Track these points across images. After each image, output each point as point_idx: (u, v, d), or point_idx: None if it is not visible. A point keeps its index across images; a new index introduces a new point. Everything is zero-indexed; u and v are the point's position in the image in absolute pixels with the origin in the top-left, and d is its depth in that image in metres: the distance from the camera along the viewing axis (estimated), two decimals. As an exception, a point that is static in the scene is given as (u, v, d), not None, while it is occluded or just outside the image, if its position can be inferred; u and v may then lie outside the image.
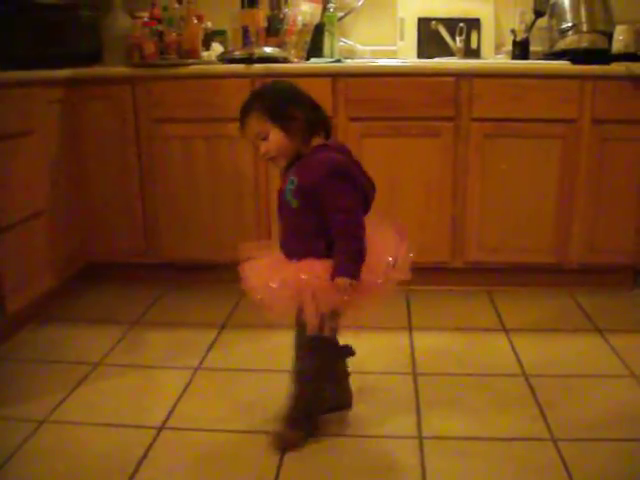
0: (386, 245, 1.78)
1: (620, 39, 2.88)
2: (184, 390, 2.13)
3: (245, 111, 1.76)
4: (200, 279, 2.99)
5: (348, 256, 1.67)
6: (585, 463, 1.75)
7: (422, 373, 2.23)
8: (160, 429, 1.92)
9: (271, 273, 1.75)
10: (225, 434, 1.91)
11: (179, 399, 2.08)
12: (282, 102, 1.75)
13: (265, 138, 1.74)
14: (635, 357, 2.33)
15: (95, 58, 3.00)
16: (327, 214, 1.68)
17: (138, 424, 1.95)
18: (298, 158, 1.77)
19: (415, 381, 2.18)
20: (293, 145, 1.75)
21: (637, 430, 1.90)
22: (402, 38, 3.26)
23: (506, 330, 2.56)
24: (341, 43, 3.20)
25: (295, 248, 1.75)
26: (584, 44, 2.89)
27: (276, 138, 1.73)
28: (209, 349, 2.42)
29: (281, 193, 1.79)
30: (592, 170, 2.77)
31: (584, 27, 2.92)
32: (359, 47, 3.25)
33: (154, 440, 1.86)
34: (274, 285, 1.71)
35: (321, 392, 1.91)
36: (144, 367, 2.31)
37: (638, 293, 2.95)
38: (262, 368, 2.26)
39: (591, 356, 2.36)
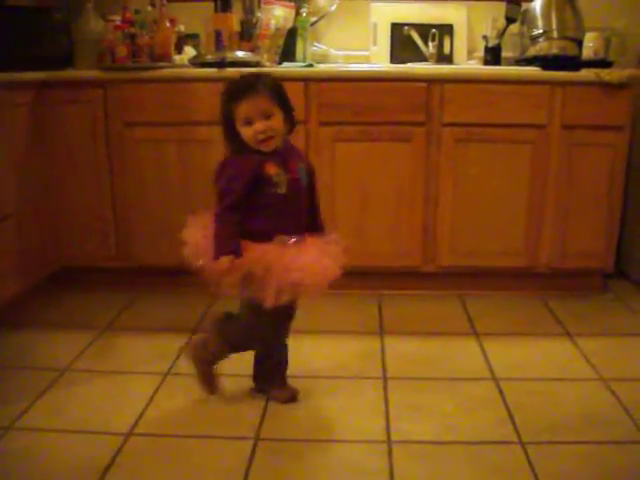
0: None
1: (590, 46, 2.92)
2: (153, 396, 2.12)
3: (253, 87, 1.84)
4: (172, 283, 2.97)
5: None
6: (551, 465, 1.76)
7: (392, 377, 2.23)
8: (128, 435, 1.90)
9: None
10: (194, 440, 1.89)
11: (148, 405, 2.06)
12: (284, 92, 1.91)
13: (268, 117, 1.83)
14: (603, 360, 2.35)
15: (66, 61, 2.98)
16: (316, 193, 2.02)
17: (105, 430, 1.92)
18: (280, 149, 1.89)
19: (385, 385, 2.18)
20: (284, 132, 1.90)
21: (603, 432, 1.92)
22: (375, 43, 3.27)
23: (477, 334, 2.58)
24: (314, 48, 3.20)
25: (303, 226, 1.93)
26: (554, 50, 2.92)
27: (279, 120, 1.86)
28: (179, 354, 2.40)
29: (295, 182, 1.89)
30: (562, 175, 2.80)
31: (555, 34, 2.95)
32: (332, 52, 3.25)
33: (122, 446, 1.84)
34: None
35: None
36: (113, 373, 2.29)
37: (608, 297, 2.99)
38: (232, 373, 2.24)
39: (560, 360, 2.38)
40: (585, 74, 2.73)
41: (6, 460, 1.79)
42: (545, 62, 2.85)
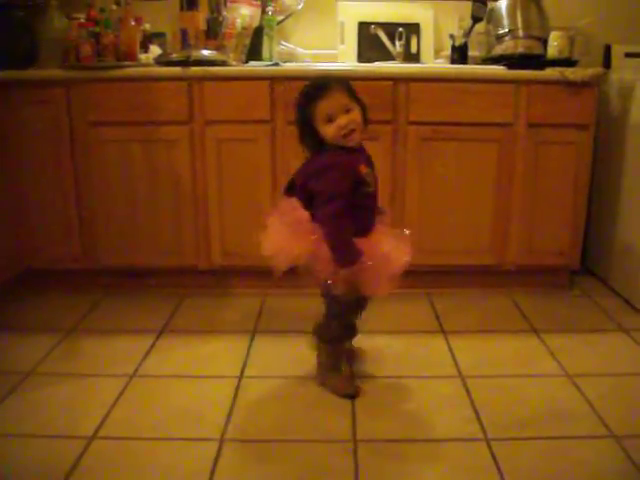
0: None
1: (555, 45, 2.94)
2: (118, 398, 2.09)
3: (329, 86, 1.92)
4: (138, 285, 2.94)
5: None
6: (517, 462, 1.77)
7: (359, 376, 2.23)
8: (91, 439, 1.87)
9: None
10: (158, 442, 1.87)
11: (112, 407, 2.04)
12: (355, 90, 1.98)
13: (348, 111, 1.90)
14: (568, 356, 2.37)
15: (30, 60, 2.93)
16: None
17: (69, 434, 1.90)
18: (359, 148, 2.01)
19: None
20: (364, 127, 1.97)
21: (568, 427, 1.94)
22: (342, 42, 3.26)
23: (444, 332, 2.59)
24: (282, 47, 3.19)
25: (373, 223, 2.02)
26: (520, 49, 2.94)
27: (358, 114, 1.93)
28: (145, 356, 2.38)
29: (376, 180, 2.01)
30: (528, 173, 2.82)
31: (520, 33, 2.97)
32: (300, 50, 3.24)
33: (85, 450, 1.82)
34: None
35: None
36: (78, 375, 2.25)
37: (574, 293, 3.02)
38: (198, 375, 2.23)
39: (527, 356, 2.40)
40: (550, 73, 2.75)
41: (-34, 466, 1.76)
42: (511, 61, 2.87)
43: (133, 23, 2.87)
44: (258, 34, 3.03)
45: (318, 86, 1.93)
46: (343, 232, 1.90)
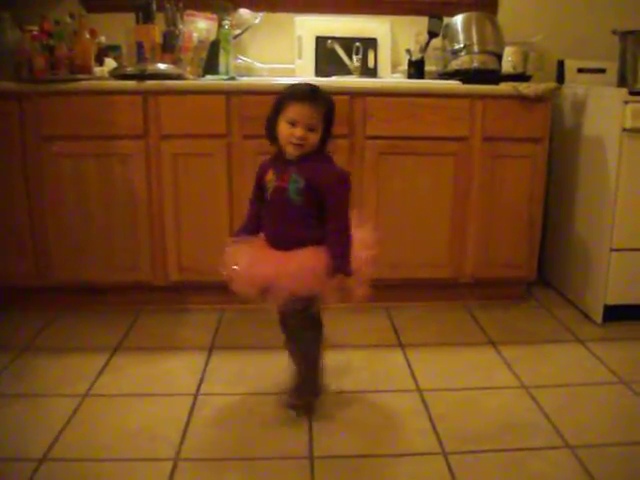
0: (361, 244, 2.02)
1: (509, 60, 2.98)
2: (70, 418, 2.04)
3: (314, 97, 1.93)
4: (93, 302, 2.89)
5: (344, 254, 1.94)
6: (473, 475, 1.78)
7: (317, 391, 2.22)
8: (42, 461, 1.82)
9: (272, 262, 1.94)
10: (112, 463, 1.83)
11: (64, 428, 1.99)
12: (334, 117, 1.99)
13: (311, 130, 1.90)
14: (525, 368, 2.40)
15: (-20, 73, 2.88)
16: (330, 215, 1.94)
17: (18, 456, 1.84)
18: (295, 160, 1.95)
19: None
20: (315, 147, 1.95)
21: (525, 439, 1.95)
22: (300, 56, 3.27)
23: (402, 345, 2.59)
24: (239, 60, 3.18)
25: (295, 237, 1.94)
26: (475, 64, 2.98)
27: (317, 137, 1.93)
28: (99, 374, 2.33)
29: (282, 190, 1.94)
30: (484, 186, 2.85)
31: (475, 48, 3.01)
32: (257, 65, 3.23)
33: (34, 472, 1.76)
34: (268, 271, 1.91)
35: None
36: (29, 396, 2.20)
37: (531, 305, 3.05)
38: (152, 392, 2.19)
39: (484, 369, 2.41)
40: (504, 88, 2.79)
41: None
42: (466, 76, 2.91)
43: (88, 36, 2.83)
44: (215, 48, 3.01)
45: (304, 91, 1.94)
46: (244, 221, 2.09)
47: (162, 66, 2.75)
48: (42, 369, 2.39)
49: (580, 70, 3.23)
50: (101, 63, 2.95)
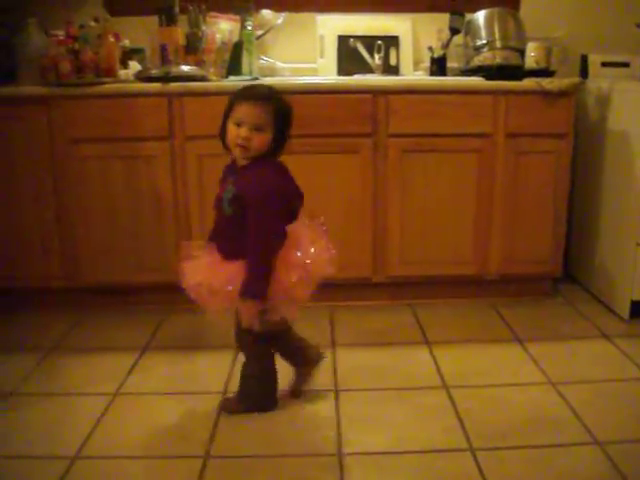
0: (303, 244, 1.91)
1: (532, 55, 2.97)
2: (101, 417, 2.07)
3: (261, 96, 1.87)
4: (120, 302, 2.93)
5: (255, 277, 1.82)
6: (501, 471, 1.78)
7: (344, 389, 2.23)
8: (74, 459, 1.85)
9: (211, 273, 1.89)
10: (142, 460, 1.86)
11: (95, 427, 2.02)
12: (289, 119, 1.91)
13: (258, 130, 1.83)
14: (552, 364, 2.39)
15: (8, 77, 2.92)
16: (249, 230, 1.83)
17: (50, 455, 1.88)
18: (242, 167, 1.90)
19: (337, 398, 2.18)
20: (264, 152, 1.87)
21: (552, 435, 1.94)
22: (322, 55, 3.28)
23: (428, 343, 2.59)
24: (261, 61, 3.20)
25: (226, 250, 1.89)
26: (497, 60, 2.97)
27: (265, 139, 1.85)
28: (128, 373, 2.36)
29: (218, 199, 1.92)
30: (508, 182, 2.84)
31: (498, 44, 3.00)
32: (279, 65, 3.25)
33: (67, 471, 1.80)
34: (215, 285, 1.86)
35: (267, 383, 2.09)
36: (60, 395, 2.23)
37: (557, 301, 3.03)
38: (181, 391, 2.22)
39: (510, 365, 2.41)
40: (527, 83, 2.78)
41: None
42: (489, 72, 2.90)
43: (112, 39, 2.86)
44: (238, 49, 3.03)
45: (254, 91, 1.90)
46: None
47: (186, 68, 2.77)
48: (71, 368, 2.43)
49: (604, 64, 3.20)
50: (126, 66, 2.99)
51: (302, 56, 3.30)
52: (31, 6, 3.14)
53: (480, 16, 3.06)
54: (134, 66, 3.02)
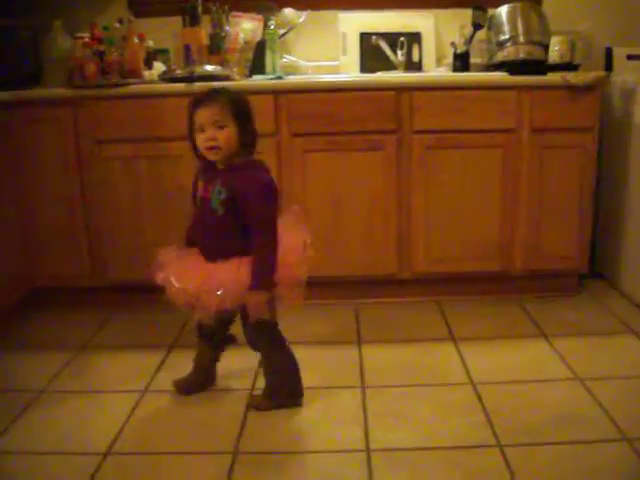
0: (294, 238, 1.98)
1: (556, 49, 2.95)
2: (131, 413, 2.10)
3: (212, 96, 1.91)
4: (147, 300, 2.94)
5: (267, 269, 1.89)
6: (529, 467, 1.77)
7: (370, 386, 2.23)
8: (106, 455, 1.88)
9: (198, 277, 1.93)
10: (173, 456, 1.88)
11: (125, 423, 2.04)
12: (246, 107, 1.94)
13: (221, 127, 1.87)
14: (579, 360, 2.37)
15: (35, 80, 2.97)
16: (252, 226, 1.90)
17: (84, 451, 1.90)
18: (224, 168, 1.93)
19: (364, 394, 2.18)
20: (236, 148, 1.90)
21: (581, 432, 1.93)
22: (345, 53, 3.28)
23: (454, 339, 2.59)
24: (284, 60, 3.21)
25: (214, 250, 1.95)
26: (521, 55, 2.94)
27: (230, 132, 1.88)
28: (157, 371, 2.39)
29: (205, 201, 1.94)
30: (533, 177, 2.83)
31: (521, 39, 2.97)
32: (302, 63, 3.26)
33: (99, 467, 1.82)
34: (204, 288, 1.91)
35: (291, 373, 2.12)
36: (90, 392, 2.27)
37: (583, 297, 3.01)
38: (210, 388, 2.24)
39: (537, 361, 2.40)
40: (552, 78, 2.76)
41: (-18, 485, 1.77)
42: (512, 67, 2.88)
43: (136, 40, 2.90)
44: (261, 48, 3.05)
45: (203, 95, 1.94)
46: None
47: (210, 68, 2.80)
48: (100, 366, 2.46)
49: (629, 57, 3.16)
50: (150, 67, 3.02)
51: (325, 54, 3.31)
52: (56, 9, 3.18)
53: (503, 11, 3.04)
54: (158, 67, 3.05)
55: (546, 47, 2.96)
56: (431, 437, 1.93)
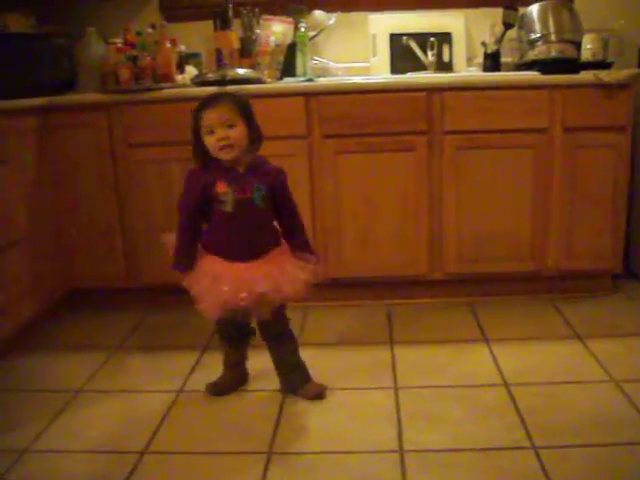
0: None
1: (588, 48, 2.93)
2: (166, 414, 2.13)
3: (218, 98, 1.97)
4: (181, 302, 2.97)
5: (310, 244, 2.13)
6: (564, 469, 1.76)
7: (403, 387, 2.24)
8: (142, 454, 1.91)
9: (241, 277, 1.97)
10: (208, 456, 1.90)
11: (161, 423, 2.08)
12: (249, 106, 2.01)
13: (231, 126, 1.92)
14: (614, 361, 2.35)
15: (70, 85, 3.02)
16: (290, 212, 2.08)
17: (120, 450, 1.94)
18: (246, 167, 1.99)
19: (396, 395, 2.19)
20: (247, 145, 1.97)
21: (615, 434, 1.91)
22: (375, 54, 3.29)
23: (487, 340, 2.58)
24: (315, 62, 3.22)
25: (261, 243, 2.02)
26: (553, 54, 2.92)
27: (241, 130, 1.94)
28: (191, 371, 2.42)
29: (246, 201, 1.97)
30: (566, 177, 2.81)
31: (553, 37, 2.95)
32: (332, 65, 3.27)
33: (136, 465, 1.85)
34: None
35: None
36: (126, 392, 2.30)
37: (618, 297, 2.98)
38: (243, 389, 2.26)
39: (571, 363, 2.38)
40: (584, 76, 2.74)
41: (22, 483, 1.81)
42: (544, 66, 2.86)
43: (169, 45, 2.94)
44: (291, 50, 3.07)
45: (208, 98, 1.98)
46: (179, 241, 2.06)
47: (241, 71, 2.83)
48: (135, 367, 2.50)
49: (663, 54, 3.14)
50: (182, 71, 3.06)
51: (355, 56, 3.32)
52: (90, 15, 3.25)
53: (534, 9, 3.02)
54: (190, 71, 3.08)
55: (578, 45, 2.94)
56: (464, 438, 1.93)
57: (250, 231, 2.00)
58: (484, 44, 3.21)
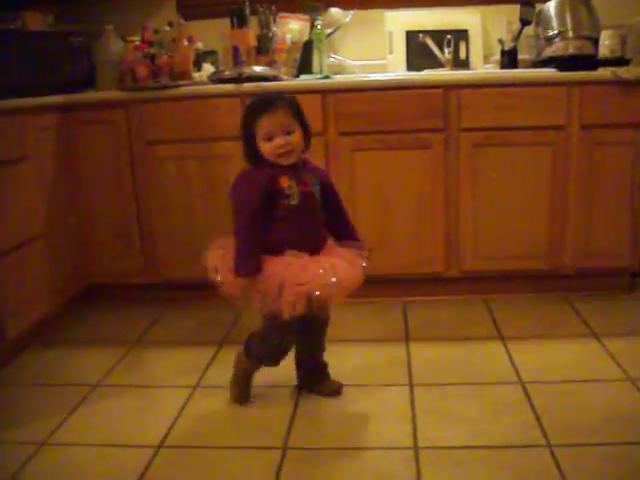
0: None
1: (606, 44, 2.91)
2: (183, 408, 2.15)
3: (274, 103, 1.92)
4: (198, 297, 3.01)
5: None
6: (580, 468, 1.75)
7: (418, 384, 2.24)
8: (159, 447, 1.93)
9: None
10: (223, 450, 1.92)
11: (178, 417, 2.10)
12: (301, 108, 1.99)
13: (289, 133, 1.91)
14: (631, 360, 2.33)
15: (88, 83, 3.05)
16: (339, 204, 2.10)
17: (137, 443, 1.96)
18: (299, 163, 1.99)
19: (411, 392, 2.19)
20: (302, 148, 1.98)
21: (632, 433, 1.91)
22: (391, 52, 3.29)
23: (503, 338, 2.57)
24: (331, 59, 3.23)
25: (322, 236, 2.04)
26: (570, 50, 2.91)
27: (299, 135, 1.94)
28: (208, 367, 2.44)
29: (309, 194, 1.97)
30: (583, 175, 2.79)
31: (570, 34, 2.94)
32: (349, 62, 3.28)
33: (152, 459, 1.87)
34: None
35: None
36: (143, 387, 2.33)
37: (634, 296, 2.96)
38: (260, 384, 2.26)
39: (587, 361, 2.37)
40: (602, 73, 2.72)
41: (41, 475, 1.83)
42: (561, 63, 2.85)
43: (186, 43, 2.95)
44: (308, 48, 3.08)
45: (264, 102, 1.94)
46: (244, 243, 1.91)
47: (258, 68, 2.83)
48: (152, 362, 2.53)
49: (683, 51, 3.11)
50: (200, 68, 3.07)
51: (371, 53, 3.33)
52: (108, 14, 3.28)
53: (551, 6, 3.01)
54: (207, 68, 3.10)
55: (596, 42, 2.92)
56: (479, 436, 1.93)
57: (314, 223, 2.02)
58: (501, 41, 3.20)
